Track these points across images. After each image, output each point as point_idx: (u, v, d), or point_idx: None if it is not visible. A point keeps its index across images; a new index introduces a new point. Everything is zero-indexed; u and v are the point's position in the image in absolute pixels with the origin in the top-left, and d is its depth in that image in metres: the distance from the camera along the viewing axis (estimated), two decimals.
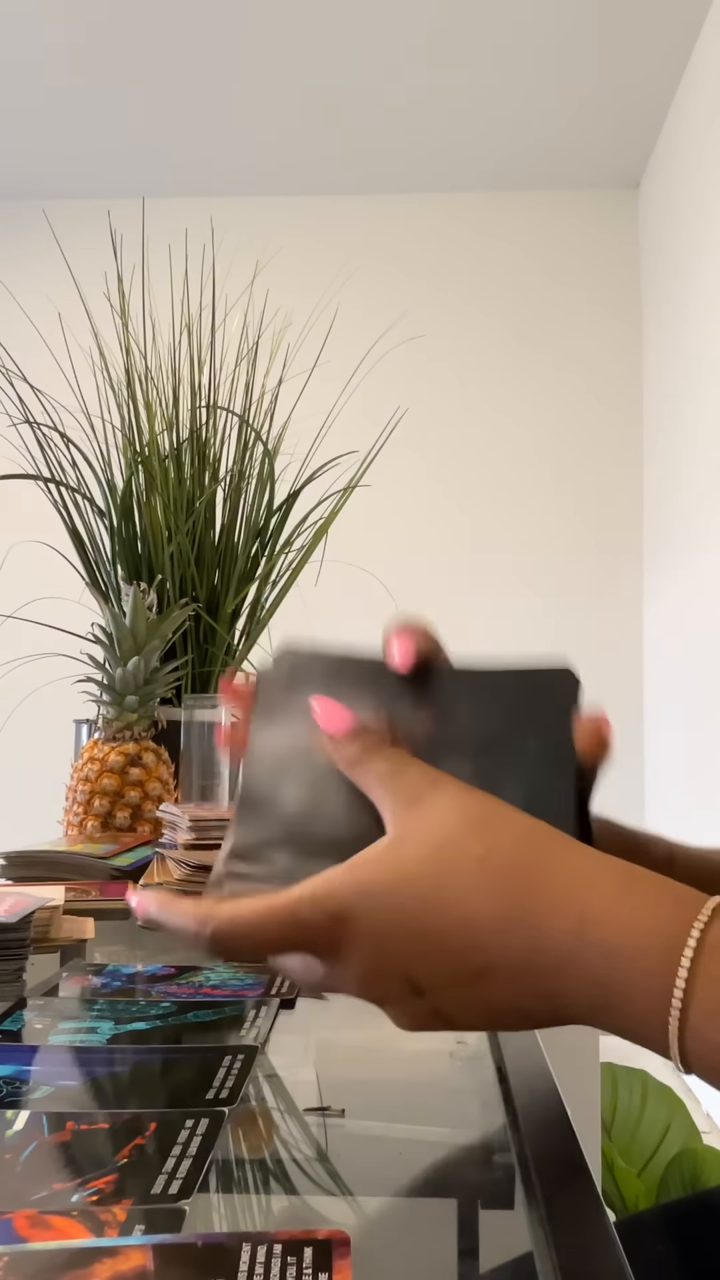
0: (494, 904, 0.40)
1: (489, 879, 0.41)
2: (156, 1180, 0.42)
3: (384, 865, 0.42)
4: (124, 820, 1.24)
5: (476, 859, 0.41)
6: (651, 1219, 0.76)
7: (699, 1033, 0.37)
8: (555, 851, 0.41)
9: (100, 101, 3.27)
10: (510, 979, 0.40)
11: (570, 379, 3.59)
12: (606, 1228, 0.40)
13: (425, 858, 0.41)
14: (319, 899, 0.42)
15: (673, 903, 0.39)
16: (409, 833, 0.43)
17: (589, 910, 0.39)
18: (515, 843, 0.42)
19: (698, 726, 2.83)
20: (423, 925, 0.41)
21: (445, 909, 0.41)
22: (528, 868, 0.41)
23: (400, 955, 0.41)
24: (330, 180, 3.64)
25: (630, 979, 0.38)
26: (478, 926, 0.40)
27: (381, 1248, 0.42)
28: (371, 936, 0.41)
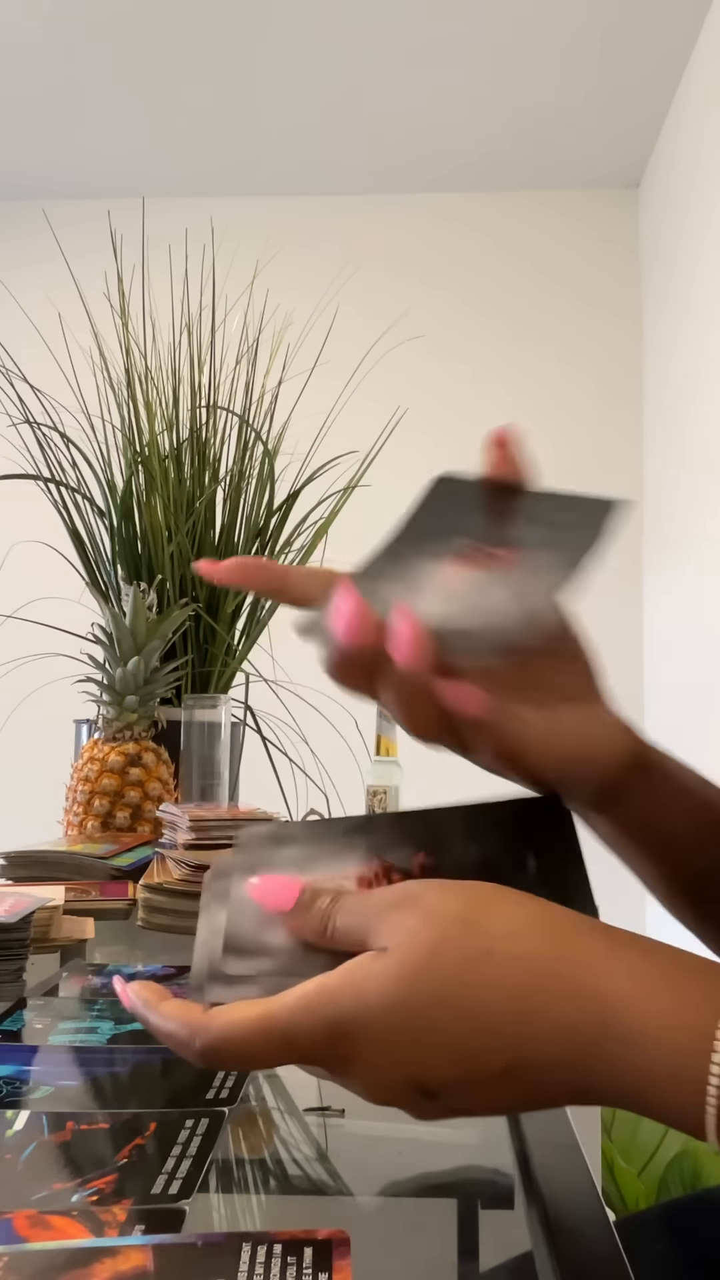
0: (508, 1000, 0.38)
1: (498, 974, 0.38)
2: (156, 1180, 0.42)
3: (382, 968, 0.39)
4: (124, 820, 1.24)
5: (481, 955, 0.39)
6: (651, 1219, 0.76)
7: None
8: (563, 936, 0.39)
9: (100, 101, 3.27)
10: (536, 1072, 0.38)
11: (570, 379, 3.59)
12: (606, 1228, 0.40)
13: (426, 957, 0.39)
14: (314, 1010, 0.39)
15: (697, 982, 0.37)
16: (402, 934, 0.40)
17: (609, 998, 0.37)
18: (519, 931, 0.39)
19: (698, 726, 2.83)
20: (431, 1029, 0.38)
21: (454, 1009, 0.38)
22: (536, 957, 0.39)
23: (406, 1062, 0.39)
24: (330, 180, 3.64)
25: (658, 1067, 0.36)
26: (492, 1026, 0.38)
27: (381, 1248, 0.42)
28: (373, 1045, 0.39)
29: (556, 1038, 0.38)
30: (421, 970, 0.39)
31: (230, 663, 1.55)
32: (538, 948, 0.39)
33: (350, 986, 0.39)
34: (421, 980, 0.38)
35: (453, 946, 0.39)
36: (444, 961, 0.39)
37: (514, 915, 0.40)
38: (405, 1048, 0.38)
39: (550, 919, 0.40)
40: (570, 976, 0.38)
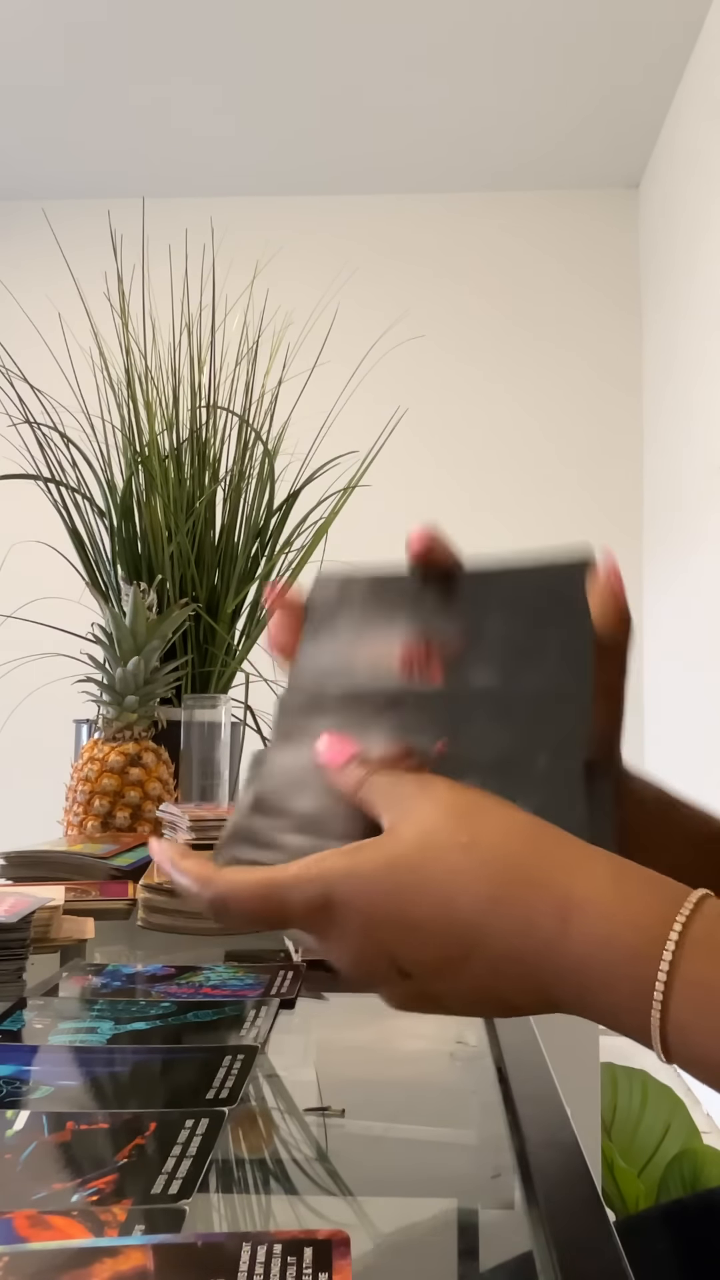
0: (478, 888, 0.41)
1: (474, 864, 0.41)
2: (156, 1180, 0.42)
3: (374, 850, 0.43)
4: (124, 820, 1.24)
5: (462, 845, 0.42)
6: (651, 1219, 0.76)
7: (679, 1025, 0.37)
8: (542, 841, 0.42)
9: (100, 101, 3.27)
10: (494, 963, 0.41)
11: (570, 379, 3.59)
12: (606, 1228, 0.40)
13: (412, 843, 0.42)
14: (310, 879, 0.43)
15: (658, 895, 0.40)
16: (399, 823, 0.43)
17: (573, 898, 0.40)
18: (503, 831, 0.42)
19: (698, 726, 2.83)
20: (406, 907, 0.41)
21: (428, 892, 0.41)
22: (513, 855, 0.41)
23: (385, 937, 0.42)
24: (330, 180, 3.64)
25: (612, 968, 0.39)
26: (461, 910, 0.41)
27: (381, 1248, 0.42)
28: (357, 917, 0.42)
29: (519, 930, 0.40)
30: (409, 852, 0.42)
31: (230, 663, 1.55)
32: (516, 847, 0.42)
33: (347, 860, 0.43)
34: (407, 860, 0.42)
35: (442, 833, 0.42)
36: (429, 845, 0.42)
37: (505, 817, 0.43)
38: (383, 921, 0.42)
39: (537, 827, 0.43)
40: (539, 877, 0.41)
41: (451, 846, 0.42)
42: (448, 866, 0.41)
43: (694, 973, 0.37)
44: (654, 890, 0.40)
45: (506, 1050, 0.59)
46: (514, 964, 0.40)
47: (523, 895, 0.40)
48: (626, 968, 0.38)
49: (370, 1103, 0.57)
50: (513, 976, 0.41)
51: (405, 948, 0.42)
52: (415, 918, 0.41)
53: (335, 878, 0.42)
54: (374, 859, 0.42)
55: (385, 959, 0.42)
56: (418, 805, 0.44)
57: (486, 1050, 0.60)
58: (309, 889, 0.42)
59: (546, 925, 0.40)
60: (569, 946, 0.39)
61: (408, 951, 0.42)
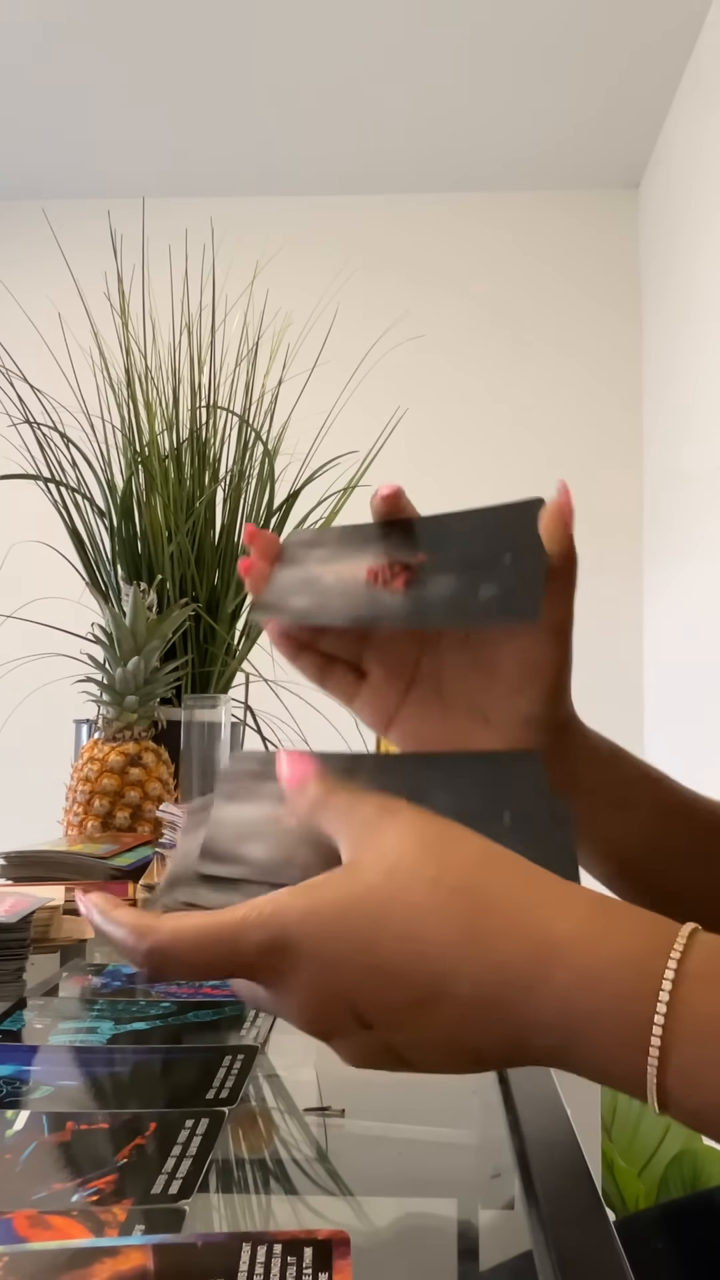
0: (448, 926, 0.37)
1: (443, 899, 0.38)
2: (156, 1180, 0.42)
3: (333, 887, 0.39)
4: (124, 820, 1.24)
5: (429, 880, 0.38)
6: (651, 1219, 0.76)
7: (683, 1073, 0.34)
8: (515, 875, 0.39)
9: (100, 101, 3.27)
10: (465, 1007, 0.37)
11: (570, 379, 3.59)
12: (606, 1228, 0.39)
13: (376, 880, 0.39)
14: (264, 919, 0.39)
15: (646, 930, 0.37)
16: (362, 857, 0.40)
17: (554, 936, 0.36)
18: (472, 864, 0.39)
19: (698, 727, 2.83)
20: (368, 947, 0.38)
21: (393, 930, 0.38)
22: (485, 889, 0.38)
23: (346, 983, 0.38)
24: (330, 180, 3.64)
25: (601, 1009, 0.35)
26: (428, 949, 0.37)
27: (381, 1248, 0.42)
28: (315, 961, 0.38)
29: (492, 972, 0.37)
30: (372, 886, 0.39)
31: (230, 663, 1.55)
32: (488, 881, 0.38)
33: (304, 898, 0.39)
34: (369, 896, 0.38)
35: (406, 867, 0.39)
36: (394, 881, 0.38)
37: (476, 849, 0.40)
38: (343, 963, 0.38)
39: (510, 860, 0.40)
40: (514, 913, 0.37)
41: (418, 880, 0.38)
42: (413, 902, 0.38)
43: (695, 1009, 0.34)
44: (641, 925, 0.37)
45: None
46: (486, 1009, 0.37)
47: (496, 932, 0.37)
48: (618, 1007, 0.35)
49: (370, 1103, 0.57)
50: (484, 1023, 0.37)
51: (366, 992, 0.38)
52: (378, 959, 0.38)
53: (291, 918, 0.38)
54: (334, 896, 0.39)
55: (344, 1005, 0.39)
56: (380, 833, 0.40)
57: None
58: (261, 932, 0.38)
59: (524, 966, 0.36)
60: (550, 989, 0.36)
61: (369, 996, 0.38)
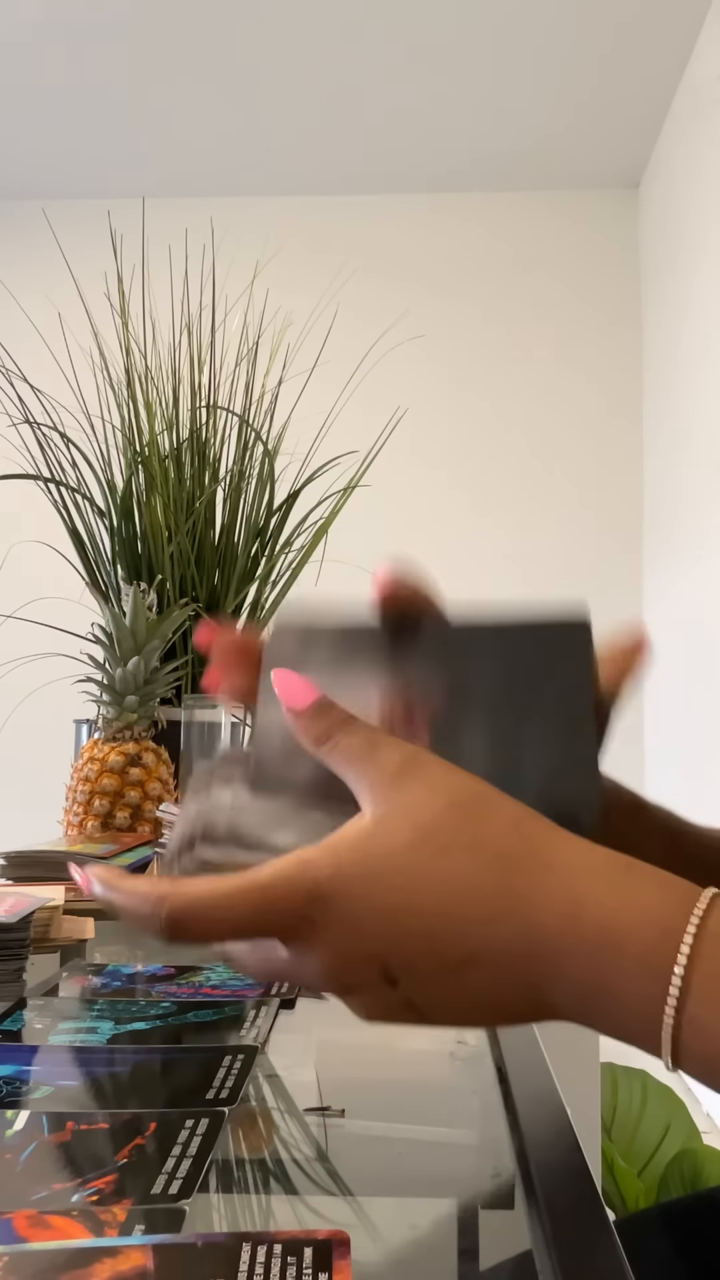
0: (484, 891, 0.38)
1: (479, 865, 0.38)
2: (156, 1180, 0.42)
3: (365, 844, 0.39)
4: (124, 820, 1.24)
5: (466, 845, 0.39)
6: (651, 1219, 0.76)
7: (696, 1023, 0.36)
8: (549, 840, 0.39)
9: (100, 101, 3.27)
10: (496, 969, 0.38)
11: (570, 379, 3.59)
12: (606, 1228, 0.39)
13: (411, 839, 0.39)
14: (293, 877, 0.39)
15: (670, 891, 0.38)
16: (392, 812, 0.40)
17: (584, 897, 0.38)
18: (508, 829, 0.39)
19: (698, 729, 2.83)
20: (405, 908, 0.38)
21: (430, 892, 0.38)
22: (520, 856, 0.39)
23: (377, 939, 0.39)
24: (330, 180, 3.64)
25: (625, 965, 0.37)
26: (465, 913, 0.38)
27: (381, 1248, 0.42)
28: (348, 918, 0.38)
29: (524, 933, 0.38)
30: (408, 847, 0.39)
31: None
32: (521, 847, 0.39)
33: (331, 857, 0.39)
34: (405, 858, 0.39)
35: (442, 830, 0.39)
36: (430, 844, 0.39)
37: (507, 814, 0.40)
38: (380, 922, 0.38)
39: (538, 823, 0.40)
40: (545, 876, 0.38)
41: (456, 845, 0.39)
42: (452, 869, 0.38)
43: (713, 965, 0.36)
44: (665, 886, 0.38)
45: (506, 1050, 0.59)
46: (515, 972, 0.38)
47: (528, 897, 0.38)
48: (639, 964, 0.36)
49: (370, 1103, 0.57)
50: (511, 985, 0.38)
51: (398, 950, 0.39)
52: (413, 922, 0.38)
53: (322, 874, 0.38)
54: (367, 854, 0.39)
55: (373, 962, 0.39)
56: (408, 789, 0.40)
57: (486, 1050, 0.60)
58: (292, 888, 0.38)
59: (557, 926, 0.38)
60: (578, 948, 0.37)
61: (400, 954, 0.39)
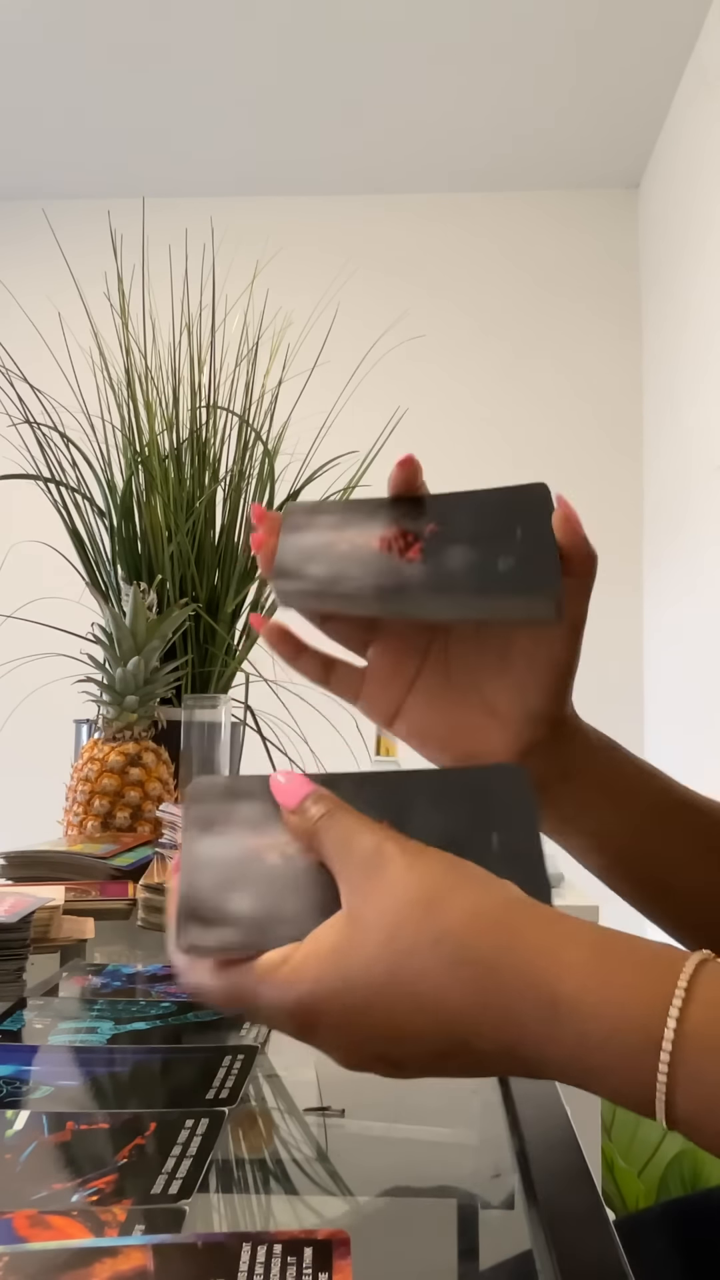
0: (457, 991, 0.39)
1: (447, 962, 0.39)
2: (156, 1180, 0.42)
3: (340, 951, 0.41)
4: (124, 820, 1.24)
5: (432, 942, 0.40)
6: (651, 1219, 0.76)
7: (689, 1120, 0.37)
8: (513, 928, 0.40)
9: (100, 101, 3.27)
10: (486, 1055, 0.40)
11: (570, 378, 3.59)
12: (606, 1228, 0.39)
13: (380, 943, 0.40)
14: (278, 984, 0.41)
15: (647, 979, 0.38)
16: (362, 913, 0.41)
17: (559, 994, 0.38)
18: (471, 920, 0.40)
19: (698, 731, 2.83)
20: (385, 1012, 0.40)
21: (406, 996, 0.40)
22: (488, 950, 0.39)
23: (369, 1039, 0.41)
24: (330, 180, 3.64)
25: (608, 1064, 0.37)
26: (444, 1008, 0.39)
27: (381, 1248, 0.42)
28: (338, 1026, 0.41)
29: (504, 1028, 0.39)
30: (376, 952, 0.40)
31: (230, 663, 1.55)
32: (488, 940, 0.39)
33: (312, 965, 0.41)
34: (376, 962, 0.40)
35: (408, 929, 0.40)
36: (398, 945, 0.40)
37: (472, 901, 0.41)
38: (362, 1027, 0.40)
39: (507, 908, 0.41)
40: (520, 971, 0.39)
41: (419, 945, 0.40)
42: (420, 968, 0.39)
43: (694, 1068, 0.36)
44: (642, 974, 0.38)
45: None
46: (507, 1056, 0.39)
47: (505, 990, 0.39)
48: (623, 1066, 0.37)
49: (370, 1103, 0.57)
50: (507, 1064, 0.40)
51: (395, 1048, 0.40)
52: (395, 1023, 0.40)
53: (305, 982, 0.41)
54: (342, 962, 0.40)
55: (375, 1058, 0.41)
56: (378, 882, 0.41)
57: None
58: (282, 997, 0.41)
59: (534, 1019, 0.38)
60: (562, 1044, 0.38)
61: (398, 1051, 0.41)
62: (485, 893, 0.41)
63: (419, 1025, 0.40)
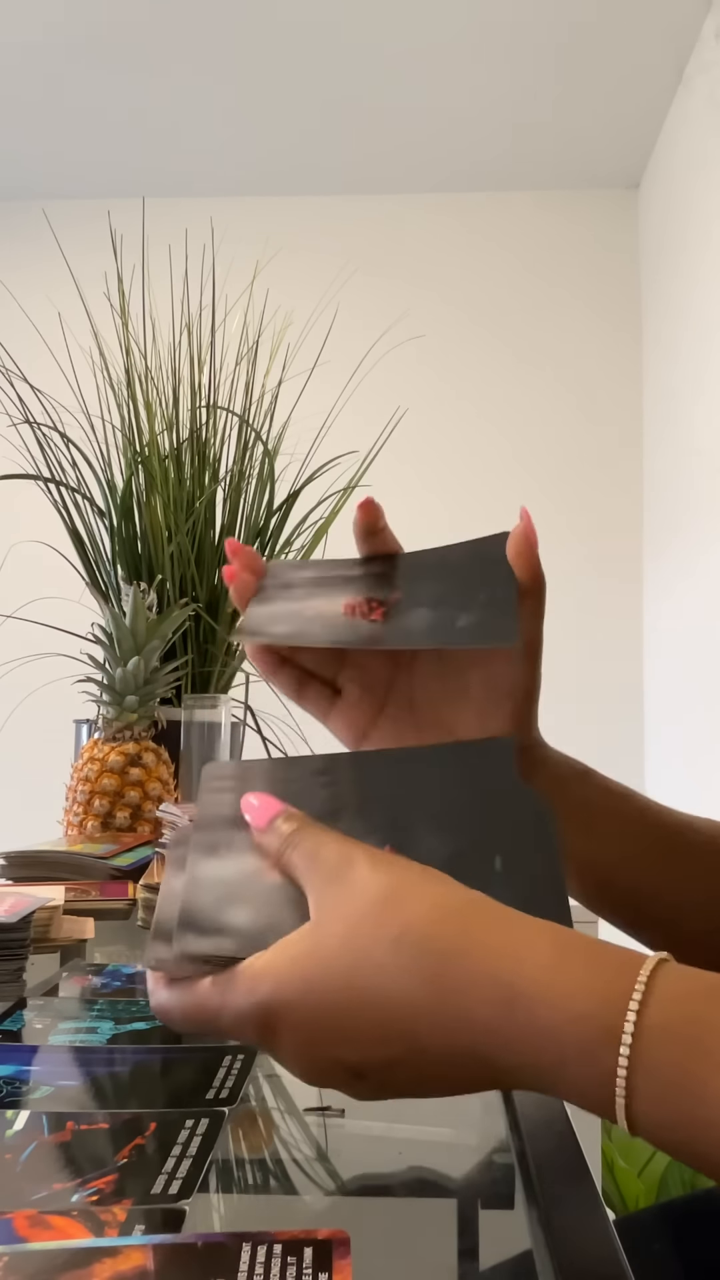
0: (414, 987, 0.39)
1: (405, 961, 0.39)
2: (156, 1180, 0.42)
3: (301, 954, 0.41)
4: (124, 820, 1.24)
5: (391, 940, 0.39)
6: (651, 1219, 0.76)
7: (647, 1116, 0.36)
8: (474, 925, 0.40)
9: (100, 101, 3.27)
10: (443, 1058, 0.39)
11: (570, 378, 3.59)
12: (606, 1228, 0.40)
13: (340, 943, 0.40)
14: (240, 992, 0.41)
15: (604, 974, 0.37)
16: (325, 916, 0.41)
17: (516, 991, 0.37)
18: (430, 918, 0.40)
19: (698, 733, 2.83)
20: (345, 1013, 0.39)
21: (364, 995, 0.39)
22: (445, 946, 0.39)
23: (330, 1044, 0.40)
24: (330, 180, 3.64)
25: (566, 1060, 0.37)
26: (401, 1012, 0.39)
27: (381, 1248, 0.42)
28: (298, 1028, 0.40)
29: (460, 1025, 0.38)
30: (336, 952, 0.40)
31: (230, 663, 1.55)
32: (447, 937, 0.39)
33: (273, 970, 0.41)
34: (335, 962, 0.40)
35: (366, 928, 0.40)
36: (355, 944, 0.40)
37: (432, 900, 0.40)
38: (323, 1030, 0.40)
39: (466, 906, 0.40)
40: (477, 968, 0.38)
41: (378, 942, 0.39)
42: (378, 965, 0.39)
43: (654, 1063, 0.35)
44: (601, 970, 0.38)
45: None
46: (465, 1058, 0.38)
47: (461, 989, 0.38)
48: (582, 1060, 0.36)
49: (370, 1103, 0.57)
50: (465, 1069, 0.39)
51: (351, 1050, 0.40)
52: (355, 1024, 0.39)
53: (265, 989, 0.40)
54: (303, 965, 0.40)
55: (336, 1065, 0.41)
56: (340, 889, 0.41)
57: None
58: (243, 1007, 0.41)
59: (491, 1017, 0.38)
60: (522, 1041, 0.37)
61: (354, 1054, 0.40)
62: (448, 891, 0.41)
63: (372, 1030, 0.39)
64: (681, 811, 0.61)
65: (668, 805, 0.61)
